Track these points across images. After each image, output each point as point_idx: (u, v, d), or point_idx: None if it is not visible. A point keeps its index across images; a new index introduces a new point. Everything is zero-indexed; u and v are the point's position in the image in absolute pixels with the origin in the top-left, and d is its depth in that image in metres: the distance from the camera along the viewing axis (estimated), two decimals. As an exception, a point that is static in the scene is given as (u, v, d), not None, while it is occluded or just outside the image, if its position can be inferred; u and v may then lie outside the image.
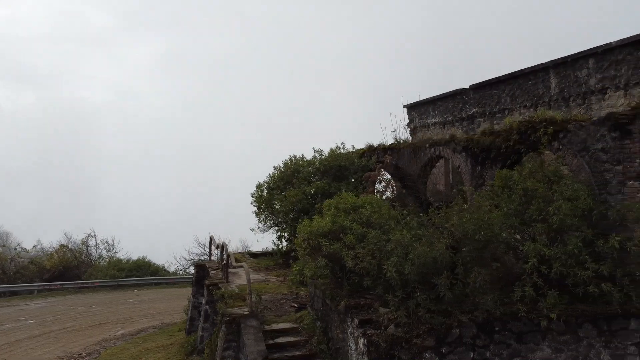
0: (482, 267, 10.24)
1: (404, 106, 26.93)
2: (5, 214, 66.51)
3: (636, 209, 10.05)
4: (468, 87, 21.54)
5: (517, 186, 11.39)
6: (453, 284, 9.91)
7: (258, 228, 23.91)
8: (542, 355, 9.96)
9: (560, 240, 10.28)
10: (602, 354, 10.01)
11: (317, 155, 22.73)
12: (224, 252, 17.18)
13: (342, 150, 23.23)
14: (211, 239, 21.49)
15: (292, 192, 20.53)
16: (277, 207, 22.07)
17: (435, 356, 9.81)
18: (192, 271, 27.95)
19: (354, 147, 22.97)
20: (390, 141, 21.25)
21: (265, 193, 23.06)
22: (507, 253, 10.76)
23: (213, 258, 22.51)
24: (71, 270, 37.69)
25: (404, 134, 22.16)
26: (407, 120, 26.83)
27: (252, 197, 23.30)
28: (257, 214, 23.65)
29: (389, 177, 20.74)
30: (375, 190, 20.80)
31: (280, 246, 22.31)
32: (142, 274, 37.22)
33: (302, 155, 23.27)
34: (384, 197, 18.56)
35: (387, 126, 30.78)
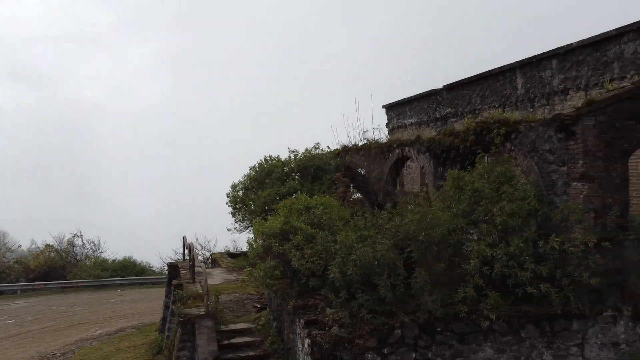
0: (425, 268, 10.28)
1: (383, 106, 26.97)
2: (3, 213, 66.84)
3: (578, 210, 10.05)
4: (442, 87, 21.55)
5: (467, 187, 11.42)
6: (395, 285, 9.92)
7: (235, 228, 24.02)
8: (484, 356, 9.97)
9: (505, 241, 10.30)
10: (544, 354, 10.03)
11: (292, 155, 22.82)
12: (191, 252, 17.20)
13: (318, 151, 23.30)
14: (184, 239, 21.54)
15: (265, 192, 20.59)
16: (252, 207, 22.14)
17: (377, 356, 9.82)
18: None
19: (329, 148, 23.04)
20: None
21: (240, 193, 23.14)
22: (456, 254, 10.77)
23: (187, 258, 22.52)
24: (56, 270, 37.70)
25: (377, 134, 22.13)
26: (386, 121, 26.87)
27: (228, 197, 23.39)
28: (233, 214, 23.74)
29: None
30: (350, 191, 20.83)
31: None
32: (127, 273, 37.25)
33: (278, 156, 23.38)
34: (352, 198, 18.50)
35: (369, 125, 30.81)
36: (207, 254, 33.84)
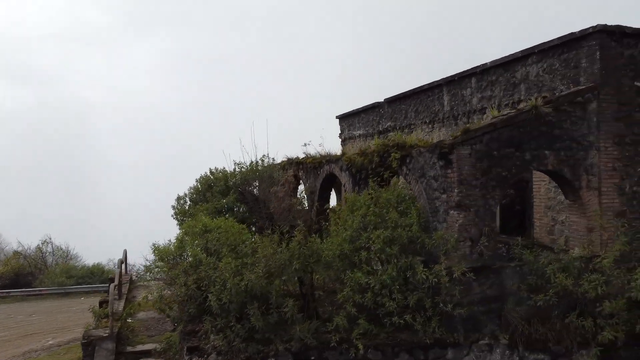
0: (304, 295, 10.33)
1: (337, 117, 26.96)
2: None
3: (452, 239, 10.07)
4: (383, 100, 21.57)
5: (358, 211, 11.44)
6: (268, 314, 9.95)
7: (183, 240, 23.94)
8: (357, 384, 10.00)
9: (383, 269, 10.32)
10: (417, 383, 10.05)
11: (237, 168, 22.77)
12: (120, 268, 17.22)
13: (265, 163, 23.24)
14: (125, 252, 21.56)
15: (203, 206, 20.54)
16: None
17: (250, 385, 9.85)
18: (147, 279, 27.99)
19: (274, 160, 22.99)
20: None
21: (187, 206, 23.10)
22: (338, 281, 10.81)
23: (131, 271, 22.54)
24: (24, 277, 37.72)
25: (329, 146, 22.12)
26: (339, 131, 26.88)
27: (173, 209, 23.34)
28: (181, 227, 23.68)
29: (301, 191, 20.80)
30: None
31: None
32: (94, 280, 37.22)
33: (224, 168, 23.33)
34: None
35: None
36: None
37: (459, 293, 9.64)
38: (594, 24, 11.11)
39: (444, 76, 17.17)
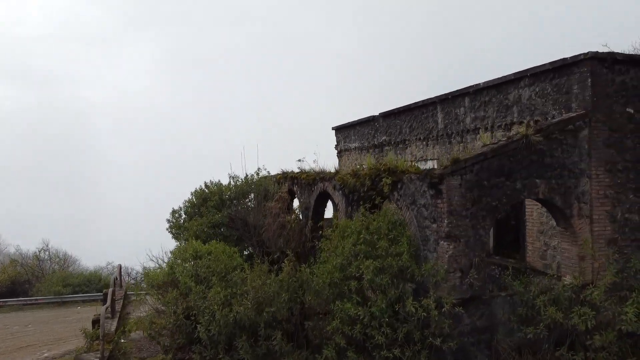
0: (295, 325, 10.27)
1: (332, 128, 26.91)
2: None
3: (441, 270, 10.01)
4: (378, 114, 21.51)
5: (349, 238, 11.38)
6: (257, 345, 9.90)
7: (178, 253, 23.85)
8: (347, 416, 9.94)
9: (373, 300, 10.26)
10: (407, 415, 9.98)
11: (232, 181, 22.70)
12: (114, 286, 17.16)
13: (259, 176, 23.17)
14: (119, 267, 21.50)
15: (197, 221, 20.47)
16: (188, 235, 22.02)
17: (239, 417, 9.81)
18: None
19: (269, 173, 22.91)
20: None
21: (181, 220, 23.01)
22: (328, 311, 10.74)
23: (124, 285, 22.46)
24: (21, 285, 37.64)
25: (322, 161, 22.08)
26: (335, 143, 26.82)
27: (168, 222, 23.24)
28: (176, 239, 23.60)
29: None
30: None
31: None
32: (90, 289, 37.11)
33: (219, 181, 23.25)
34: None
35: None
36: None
37: (449, 326, 9.58)
38: (585, 51, 11.05)
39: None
